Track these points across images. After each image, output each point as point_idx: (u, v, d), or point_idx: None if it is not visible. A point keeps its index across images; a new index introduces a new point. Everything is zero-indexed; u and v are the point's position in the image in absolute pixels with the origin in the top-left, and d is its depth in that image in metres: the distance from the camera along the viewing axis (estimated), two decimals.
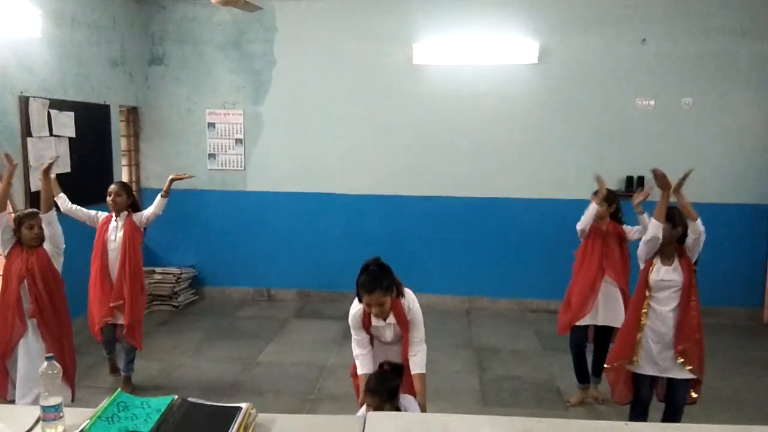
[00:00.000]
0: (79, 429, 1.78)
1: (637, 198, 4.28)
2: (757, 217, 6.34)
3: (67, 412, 1.95)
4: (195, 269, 7.05)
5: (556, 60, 6.37)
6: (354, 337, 3.22)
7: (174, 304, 6.61)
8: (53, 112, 5.26)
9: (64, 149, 5.44)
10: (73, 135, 5.53)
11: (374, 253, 4.84)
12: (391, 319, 3.14)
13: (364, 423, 2.03)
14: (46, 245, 3.70)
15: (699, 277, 3.60)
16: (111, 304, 4.36)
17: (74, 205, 4.49)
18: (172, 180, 4.63)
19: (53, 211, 3.81)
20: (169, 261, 6.97)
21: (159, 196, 4.60)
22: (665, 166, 6.24)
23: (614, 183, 6.41)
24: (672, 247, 3.51)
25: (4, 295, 3.61)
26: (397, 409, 2.85)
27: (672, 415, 3.64)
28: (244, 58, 6.73)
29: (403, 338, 3.18)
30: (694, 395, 3.60)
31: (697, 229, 3.43)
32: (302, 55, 6.66)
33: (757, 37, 6.10)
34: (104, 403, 1.94)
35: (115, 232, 4.41)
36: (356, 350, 3.20)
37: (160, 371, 4.95)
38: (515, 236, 6.66)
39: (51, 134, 5.25)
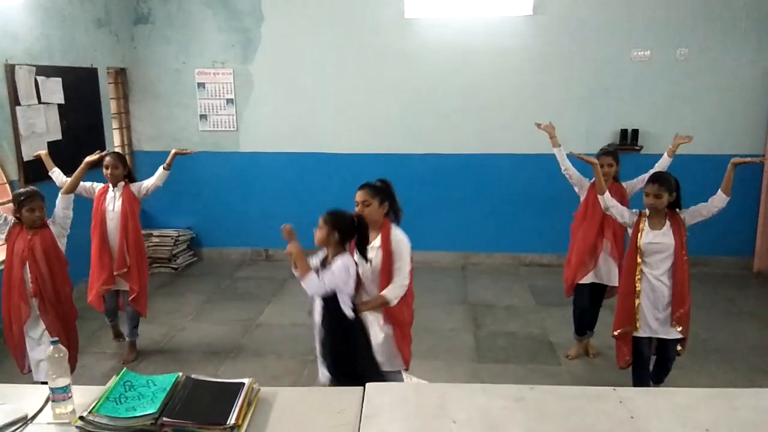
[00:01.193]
0: (88, 409, 1.85)
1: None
2: (748, 168, 6.33)
3: (76, 391, 2.02)
4: (192, 231, 7.09)
5: (550, 11, 6.25)
6: None
7: (173, 266, 6.68)
8: (40, 78, 5.17)
9: (54, 116, 5.38)
10: (62, 101, 5.46)
11: None
12: (377, 242, 3.26)
13: (363, 393, 2.11)
14: (52, 226, 3.69)
15: (691, 226, 3.63)
16: (115, 273, 4.42)
17: (69, 178, 4.46)
18: (176, 154, 4.59)
19: (72, 195, 3.85)
20: (166, 223, 6.99)
21: (161, 168, 4.58)
22: (660, 118, 6.32)
23: (609, 136, 6.43)
24: (663, 211, 3.55)
25: (8, 277, 3.62)
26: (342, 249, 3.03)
27: (663, 367, 3.78)
28: (231, 15, 6.58)
29: (381, 271, 3.24)
30: (679, 348, 3.72)
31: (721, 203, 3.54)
32: (291, 11, 6.51)
33: None
34: (111, 383, 2.01)
35: (113, 203, 4.42)
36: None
37: (162, 335, 5.05)
38: (509, 192, 6.70)
39: (39, 102, 5.19)
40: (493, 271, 6.68)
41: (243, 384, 2.03)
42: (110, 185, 4.45)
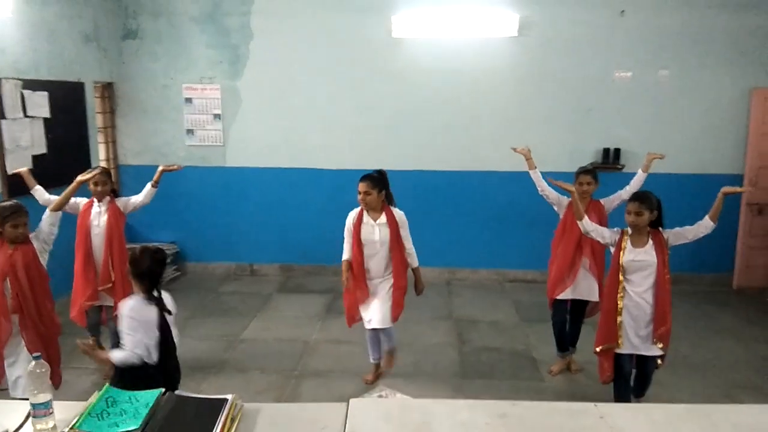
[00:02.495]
0: (70, 425, 1.83)
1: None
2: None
3: (57, 406, 2.00)
4: (176, 245, 7.05)
5: (535, 33, 6.37)
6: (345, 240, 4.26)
7: None
8: (26, 92, 5.16)
9: (39, 130, 5.35)
10: (48, 115, 5.44)
11: None
12: (382, 219, 4.15)
13: (347, 409, 2.12)
14: (35, 241, 3.64)
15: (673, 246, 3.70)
16: (99, 288, 4.39)
17: (52, 196, 4.39)
18: (162, 171, 4.55)
19: (60, 213, 3.84)
20: (150, 237, 6.95)
21: (149, 185, 4.55)
22: (642, 137, 6.44)
23: (592, 155, 6.53)
24: (646, 229, 3.60)
25: None
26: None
27: (644, 381, 3.83)
28: (220, 32, 6.62)
29: (390, 240, 4.15)
30: (659, 362, 3.77)
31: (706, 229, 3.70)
32: (280, 28, 6.57)
33: (735, 11, 6.15)
34: (93, 398, 1.99)
35: (99, 218, 4.40)
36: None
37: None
38: (495, 208, 6.76)
39: (25, 115, 5.17)
40: (477, 286, 6.71)
41: (226, 400, 2.03)
42: (95, 200, 4.42)
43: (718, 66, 6.27)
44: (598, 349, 3.80)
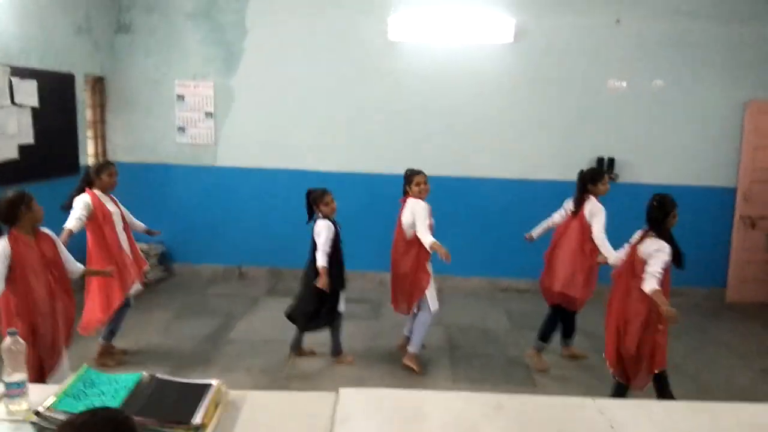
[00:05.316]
0: (44, 405, 1.74)
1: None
2: (721, 199, 6.49)
3: (33, 389, 1.92)
4: (164, 245, 6.92)
5: (531, 39, 6.36)
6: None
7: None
8: (15, 80, 5.05)
9: (27, 119, 5.24)
10: (36, 105, 5.33)
11: (346, 230, 4.88)
12: None
13: (337, 398, 2.03)
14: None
15: None
16: (145, 268, 4.80)
17: (73, 223, 4.19)
18: (150, 232, 5.01)
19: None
20: (137, 237, 6.74)
21: (145, 227, 4.95)
22: (636, 147, 6.43)
23: (586, 164, 6.45)
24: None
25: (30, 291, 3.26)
26: None
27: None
28: (214, 29, 6.56)
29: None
30: None
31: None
32: (275, 27, 6.52)
33: (730, 22, 6.18)
34: (70, 379, 1.90)
35: (111, 205, 4.47)
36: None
37: (128, 348, 4.87)
38: (487, 216, 6.70)
39: (13, 103, 5.06)
40: (469, 294, 6.64)
41: (211, 384, 1.94)
42: (99, 192, 4.40)
43: (713, 77, 6.29)
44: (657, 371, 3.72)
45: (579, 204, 4.58)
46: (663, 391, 3.73)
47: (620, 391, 3.79)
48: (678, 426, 1.92)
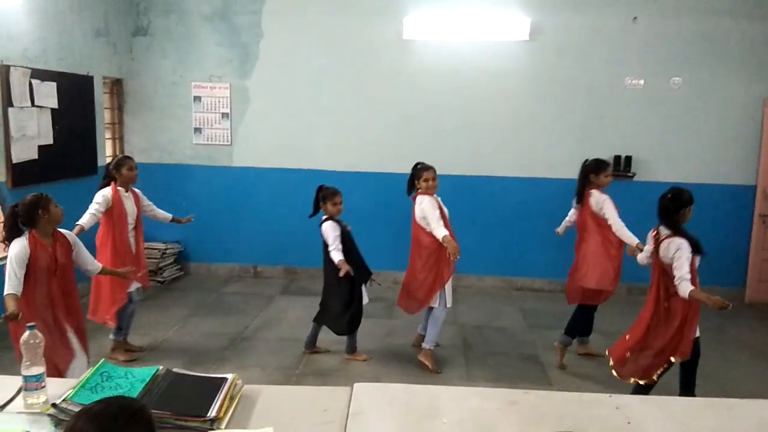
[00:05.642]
0: (62, 398, 1.76)
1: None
2: (741, 197, 6.39)
3: (51, 382, 1.94)
4: (180, 245, 6.99)
5: (547, 37, 6.32)
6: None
7: (159, 279, 6.56)
8: (35, 81, 5.13)
9: (46, 120, 5.33)
10: (56, 106, 5.41)
11: (360, 230, 4.90)
12: None
13: (351, 393, 2.03)
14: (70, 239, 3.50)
15: None
16: (145, 269, 4.72)
17: (86, 219, 4.26)
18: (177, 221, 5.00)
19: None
20: (154, 235, 6.87)
21: (170, 216, 4.94)
22: (653, 145, 6.36)
23: None
24: None
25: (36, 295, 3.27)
26: None
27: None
28: (231, 31, 6.61)
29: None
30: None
31: None
32: (291, 28, 6.55)
33: (748, 18, 6.09)
34: (87, 373, 1.92)
35: (130, 204, 4.52)
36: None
37: (144, 345, 4.92)
38: (502, 215, 6.67)
39: (33, 104, 5.14)
40: (484, 294, 6.61)
41: (226, 378, 1.96)
42: (119, 188, 4.44)
43: (732, 74, 6.20)
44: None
45: (581, 195, 4.57)
46: (688, 381, 3.82)
47: (640, 392, 3.75)
48: (696, 422, 1.89)
